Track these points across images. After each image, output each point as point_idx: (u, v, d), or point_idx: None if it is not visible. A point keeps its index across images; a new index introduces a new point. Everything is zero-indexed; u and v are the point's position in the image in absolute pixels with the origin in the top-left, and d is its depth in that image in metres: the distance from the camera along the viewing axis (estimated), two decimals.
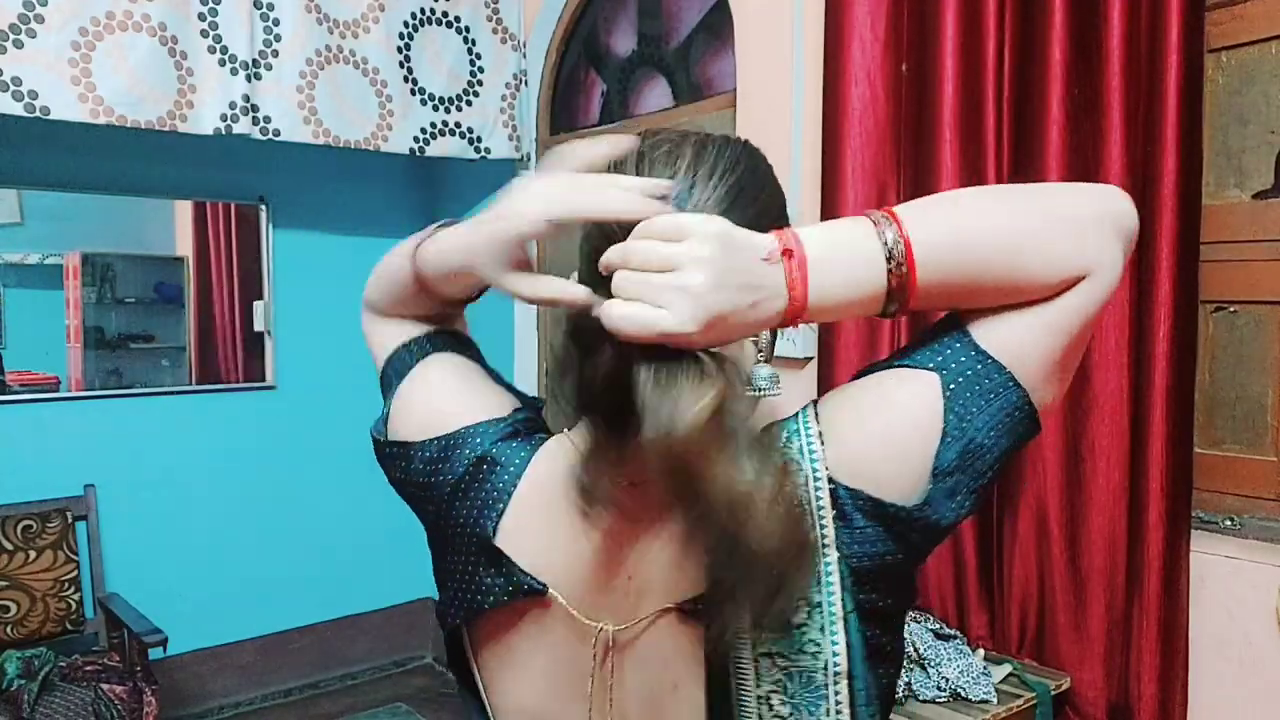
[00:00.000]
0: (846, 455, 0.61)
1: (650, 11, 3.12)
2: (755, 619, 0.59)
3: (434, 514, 0.73)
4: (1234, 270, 1.83)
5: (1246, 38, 1.81)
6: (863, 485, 0.60)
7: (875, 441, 0.61)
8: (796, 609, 0.58)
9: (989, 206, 0.62)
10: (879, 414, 0.62)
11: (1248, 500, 1.82)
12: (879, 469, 0.60)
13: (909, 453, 0.60)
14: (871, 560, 0.60)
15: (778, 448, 0.62)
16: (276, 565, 3.52)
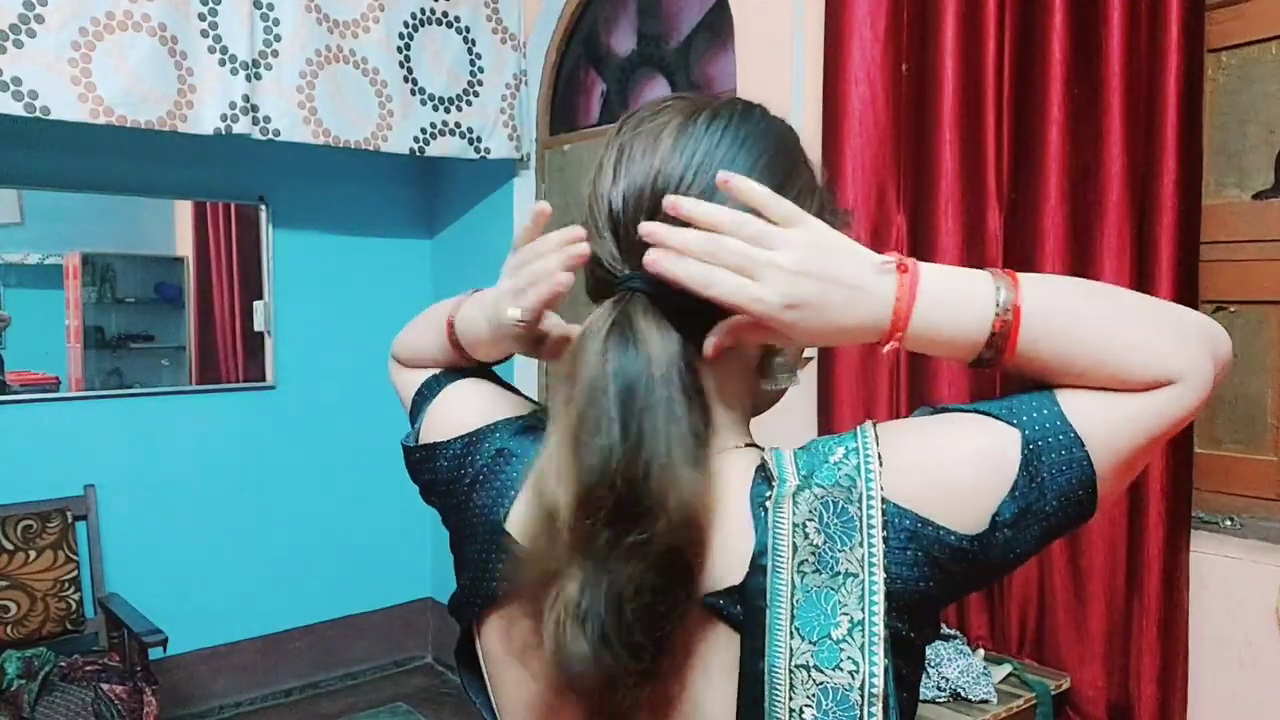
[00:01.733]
0: (908, 482, 0.60)
1: (650, 11, 3.12)
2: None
3: (456, 508, 0.75)
4: (1234, 270, 1.83)
5: (1246, 38, 1.81)
6: (916, 509, 0.59)
7: (943, 475, 0.61)
8: (838, 624, 0.58)
9: (1100, 290, 0.64)
10: (952, 451, 0.62)
11: (1248, 500, 1.82)
12: (941, 501, 0.60)
13: (975, 496, 0.60)
14: (905, 584, 0.59)
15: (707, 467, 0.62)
16: (276, 565, 3.52)
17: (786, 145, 0.69)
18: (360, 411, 3.67)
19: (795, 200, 0.62)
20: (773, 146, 0.68)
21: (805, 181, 0.68)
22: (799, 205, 0.61)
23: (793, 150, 0.69)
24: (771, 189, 0.61)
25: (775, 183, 0.63)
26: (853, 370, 2.19)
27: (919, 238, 2.08)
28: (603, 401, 0.59)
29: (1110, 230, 1.80)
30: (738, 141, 0.66)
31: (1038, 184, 1.89)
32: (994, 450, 0.61)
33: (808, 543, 0.59)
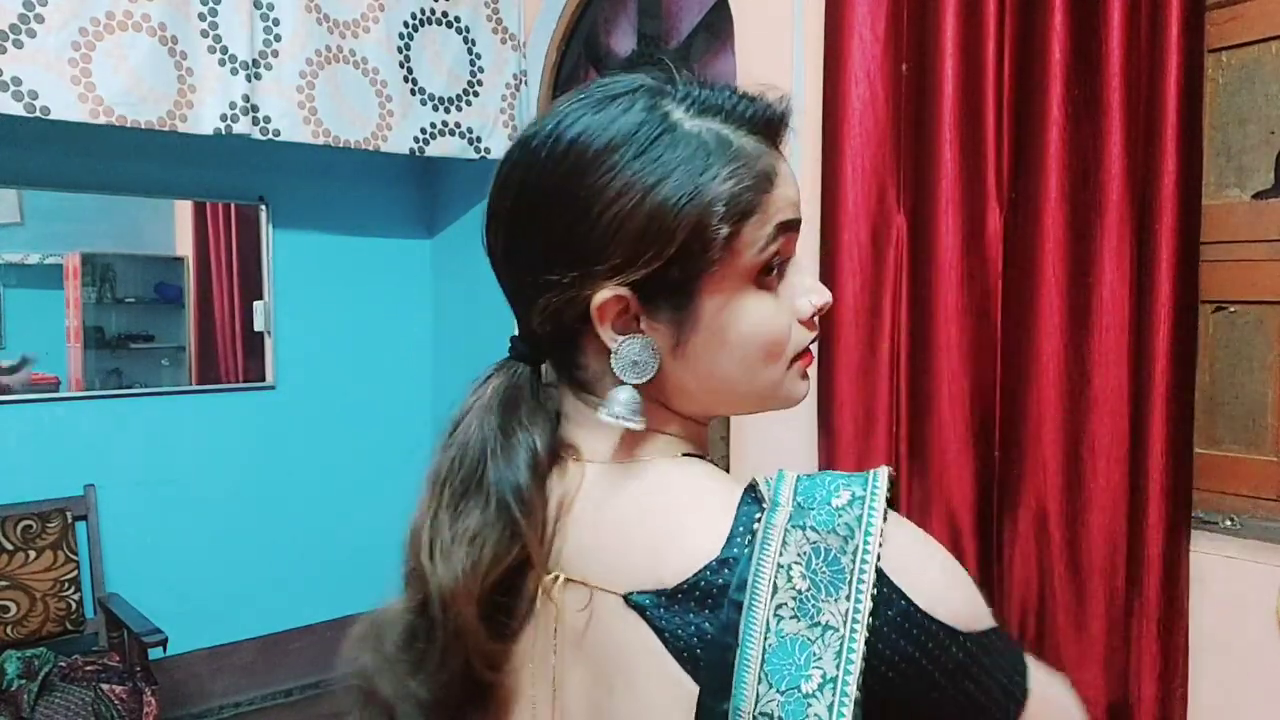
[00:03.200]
0: (914, 572, 0.57)
1: (650, 11, 3.12)
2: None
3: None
4: (1234, 270, 1.83)
5: (1246, 38, 1.81)
6: (912, 593, 0.56)
7: (945, 565, 0.60)
8: (809, 677, 0.56)
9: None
10: (946, 555, 0.61)
11: (1248, 500, 1.82)
12: (940, 587, 0.58)
13: (967, 597, 0.59)
14: (875, 668, 0.56)
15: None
16: (276, 565, 3.52)
17: (593, 150, 0.61)
18: (360, 411, 3.67)
19: (597, 222, 0.60)
20: (505, 215, 0.66)
21: (618, 191, 0.60)
22: (603, 226, 0.60)
23: (599, 156, 0.61)
24: (564, 212, 0.61)
25: (569, 205, 0.61)
26: (853, 371, 2.19)
27: (919, 238, 2.08)
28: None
29: (1110, 230, 1.80)
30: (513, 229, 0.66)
31: (1038, 184, 1.89)
32: (979, 598, 0.61)
33: (790, 586, 0.56)
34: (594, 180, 0.60)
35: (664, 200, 0.59)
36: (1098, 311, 1.83)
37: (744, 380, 0.65)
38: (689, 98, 0.63)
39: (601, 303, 0.61)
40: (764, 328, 0.64)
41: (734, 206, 0.60)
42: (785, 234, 0.63)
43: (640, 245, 0.60)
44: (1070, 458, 1.88)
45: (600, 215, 0.60)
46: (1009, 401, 1.97)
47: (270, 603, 3.52)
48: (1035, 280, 1.91)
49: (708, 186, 0.60)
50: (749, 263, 0.62)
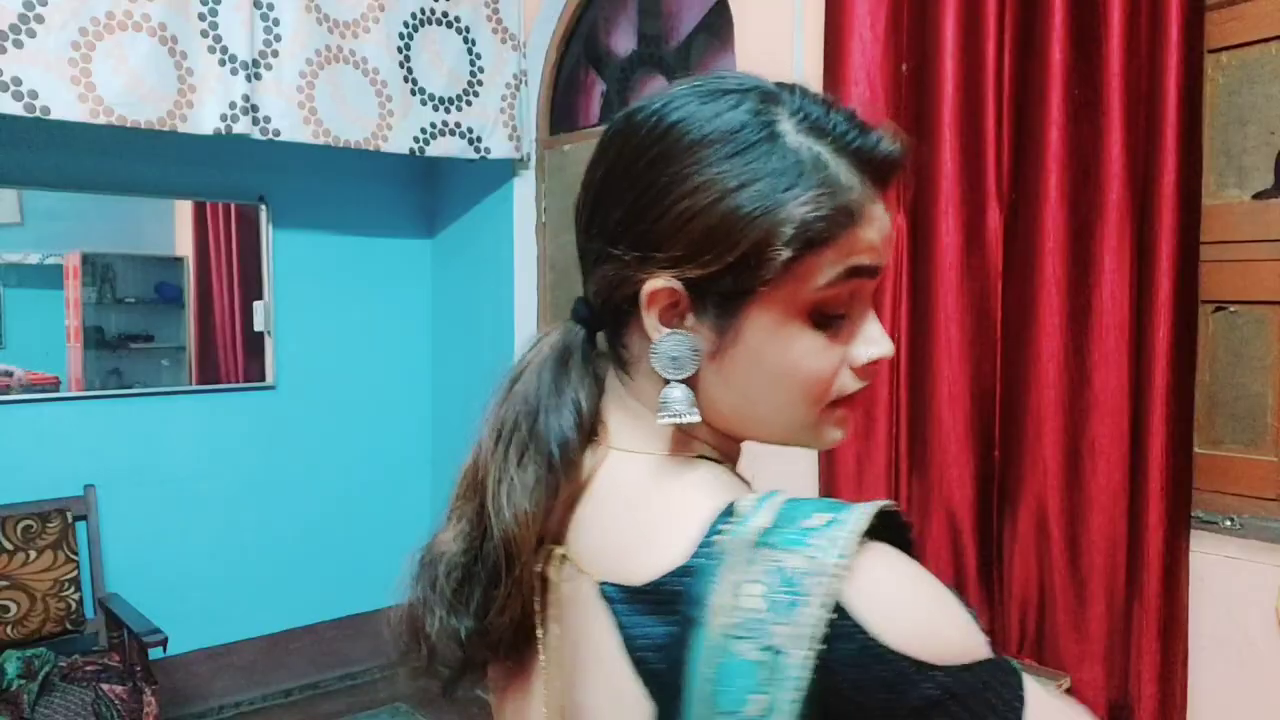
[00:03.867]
0: (883, 608, 0.54)
1: (650, 11, 3.12)
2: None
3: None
4: (1234, 270, 1.83)
5: (1246, 38, 1.81)
6: (877, 628, 0.53)
7: (918, 599, 0.56)
8: (750, 703, 0.53)
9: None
10: (931, 588, 0.57)
11: (1248, 500, 1.82)
12: (902, 621, 0.54)
13: (937, 633, 0.55)
14: (826, 699, 0.53)
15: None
16: (276, 565, 3.52)
17: (682, 137, 0.61)
18: (360, 411, 3.67)
19: (670, 207, 0.60)
20: (596, 181, 0.65)
21: (697, 182, 0.59)
22: (675, 212, 0.59)
23: (613, 166, 0.63)
24: (645, 190, 0.61)
25: (651, 183, 0.61)
26: None
27: (919, 238, 2.09)
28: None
29: (1110, 230, 1.80)
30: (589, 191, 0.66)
31: (1038, 184, 1.89)
32: (971, 629, 0.57)
33: (744, 605, 0.54)
34: (680, 169, 0.59)
35: (737, 207, 0.58)
36: (1098, 311, 1.83)
37: (774, 409, 0.63)
38: (801, 111, 0.62)
39: (653, 290, 0.60)
40: (805, 364, 0.61)
41: (802, 232, 0.58)
42: (856, 278, 0.60)
43: (703, 244, 0.59)
44: (1070, 458, 1.88)
45: (674, 204, 0.59)
46: (1009, 401, 1.97)
47: (270, 603, 3.52)
48: (1035, 280, 1.91)
49: (785, 205, 0.58)
50: (808, 295, 0.59)
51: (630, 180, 0.62)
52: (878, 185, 0.61)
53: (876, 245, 0.61)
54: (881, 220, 0.61)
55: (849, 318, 0.62)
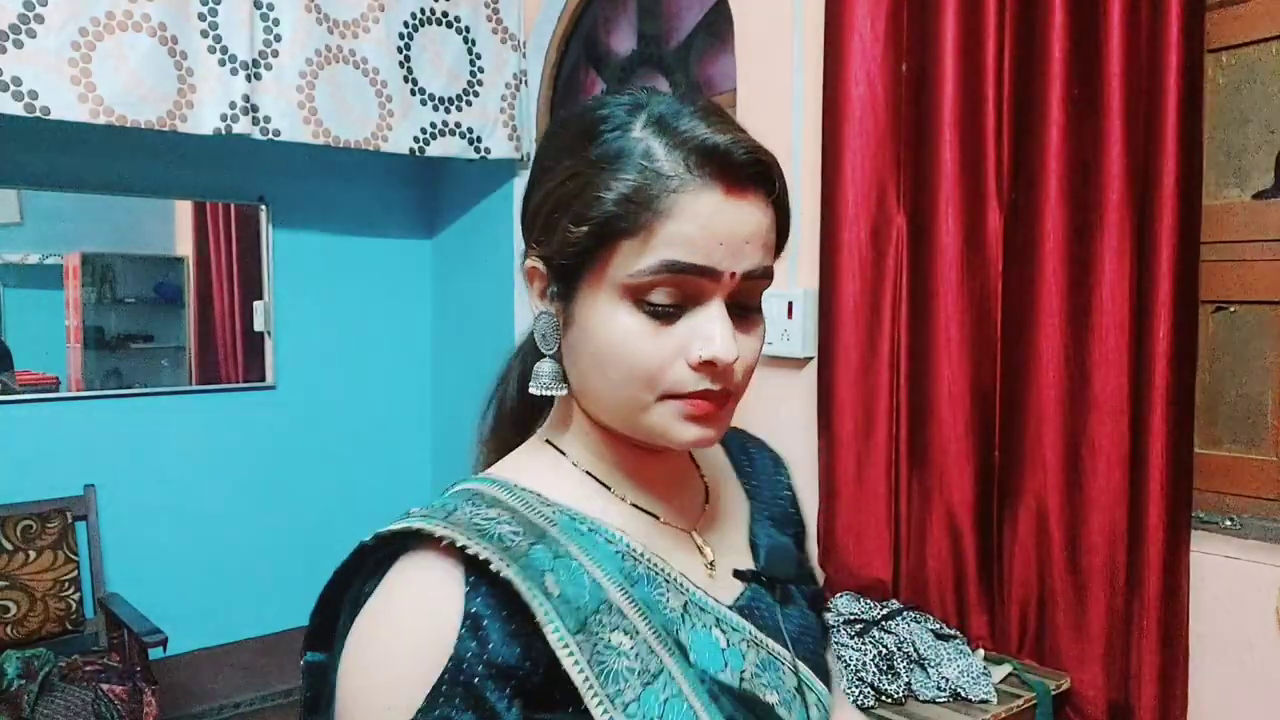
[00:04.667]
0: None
1: (650, 11, 3.12)
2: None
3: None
4: (1234, 270, 1.83)
5: (1246, 38, 1.81)
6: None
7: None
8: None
9: None
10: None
11: (1248, 500, 1.82)
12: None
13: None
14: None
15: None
16: (276, 565, 3.52)
17: (560, 133, 0.69)
18: (360, 411, 3.67)
19: (534, 193, 0.68)
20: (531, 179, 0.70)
21: (556, 170, 0.66)
22: (537, 196, 0.67)
23: (559, 139, 0.68)
24: (532, 184, 0.69)
25: (535, 177, 0.69)
26: (853, 371, 2.19)
27: (919, 238, 2.08)
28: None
29: (1110, 230, 1.80)
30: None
31: (1038, 184, 1.89)
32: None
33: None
34: (549, 158, 0.66)
35: (567, 191, 0.63)
36: (1098, 311, 1.83)
37: (605, 388, 0.64)
38: (659, 110, 0.63)
39: (527, 268, 0.68)
40: (626, 344, 0.62)
41: (598, 217, 0.61)
42: (675, 274, 0.60)
43: (546, 225, 0.65)
44: (1070, 458, 1.88)
45: (539, 189, 0.67)
46: (1009, 401, 1.97)
47: (270, 603, 3.52)
48: (1035, 280, 1.91)
49: (595, 191, 0.61)
50: (622, 281, 0.61)
51: (532, 170, 0.70)
52: (715, 180, 0.60)
53: (698, 241, 0.60)
54: (710, 218, 0.60)
55: (688, 311, 0.62)
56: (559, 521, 0.65)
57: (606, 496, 0.69)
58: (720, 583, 0.71)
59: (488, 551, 0.58)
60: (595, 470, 0.70)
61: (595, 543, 0.65)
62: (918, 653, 1.88)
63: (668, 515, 0.71)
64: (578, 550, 0.63)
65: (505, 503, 0.65)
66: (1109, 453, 1.82)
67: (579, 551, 0.63)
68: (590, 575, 0.62)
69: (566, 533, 0.64)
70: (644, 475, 0.71)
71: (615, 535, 0.66)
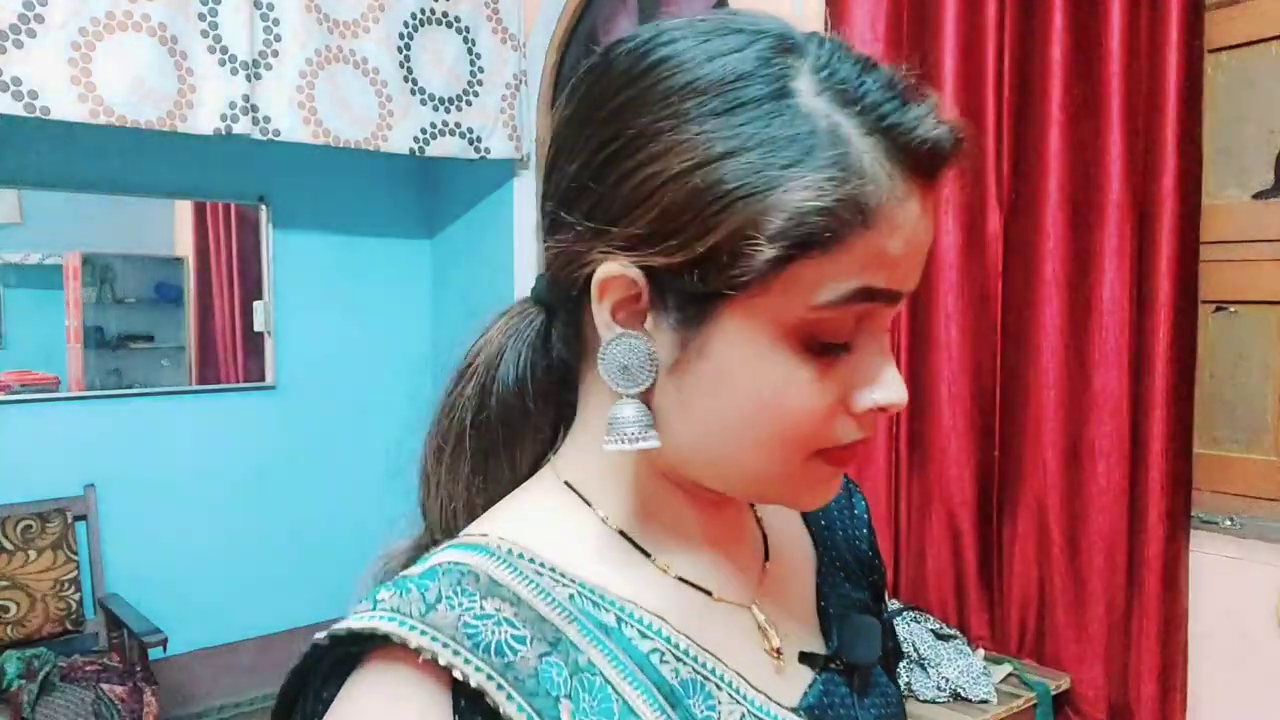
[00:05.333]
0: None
1: (650, 12, 3.12)
2: None
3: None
4: (1234, 270, 1.83)
5: (1246, 38, 1.81)
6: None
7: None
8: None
9: None
10: None
11: (1248, 500, 1.82)
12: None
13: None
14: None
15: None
16: (276, 565, 3.52)
17: (663, 78, 0.47)
18: (360, 411, 3.67)
19: (633, 171, 0.46)
20: (559, 128, 0.52)
21: (676, 143, 0.45)
22: (639, 178, 0.46)
23: (671, 86, 0.46)
24: (601, 148, 0.48)
25: (608, 140, 0.48)
26: None
27: None
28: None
29: (1110, 230, 1.80)
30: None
31: (1038, 184, 1.89)
32: None
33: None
34: (653, 120, 0.46)
35: (718, 180, 0.44)
36: (1098, 311, 1.83)
37: (741, 449, 0.49)
38: (827, 69, 0.46)
39: (607, 277, 0.48)
40: (786, 398, 0.47)
41: (796, 226, 0.44)
42: (868, 301, 0.46)
43: (670, 224, 0.45)
44: (1070, 458, 1.88)
45: (640, 166, 0.46)
46: (1009, 401, 1.97)
47: (270, 603, 3.51)
48: (1035, 280, 1.91)
49: (780, 187, 0.44)
50: (800, 313, 0.46)
51: (593, 129, 0.48)
52: (915, 181, 0.46)
53: (900, 262, 0.46)
54: (913, 229, 0.46)
55: (853, 350, 0.48)
56: (578, 613, 0.49)
57: (644, 567, 0.53)
58: (786, 674, 0.55)
59: (482, 675, 0.44)
60: (632, 529, 0.53)
61: (626, 641, 0.49)
62: (918, 653, 1.88)
63: (722, 588, 0.55)
64: (602, 658, 0.48)
65: (507, 588, 0.48)
66: (1109, 453, 1.82)
67: (604, 660, 0.48)
68: (619, 695, 0.47)
69: (587, 631, 0.49)
70: (697, 534, 0.55)
71: (651, 627, 0.50)
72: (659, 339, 0.48)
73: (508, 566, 0.49)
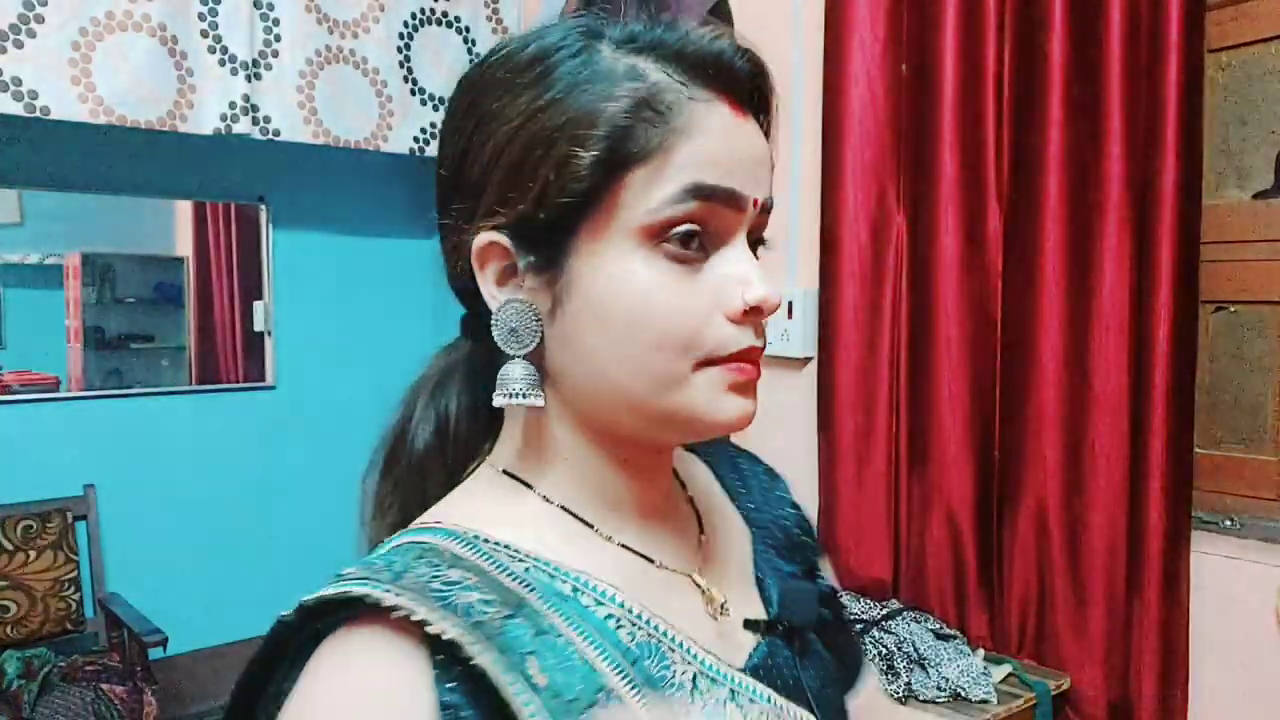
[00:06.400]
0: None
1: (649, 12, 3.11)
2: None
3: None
4: (1234, 270, 1.83)
5: (1247, 38, 1.81)
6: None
7: None
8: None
9: None
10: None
11: (1248, 500, 1.82)
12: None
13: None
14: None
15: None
16: (276, 565, 3.52)
17: (487, 72, 0.55)
18: (360, 411, 3.65)
19: (472, 149, 0.53)
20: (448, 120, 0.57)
21: (500, 114, 0.52)
22: (478, 154, 0.53)
23: (491, 77, 0.54)
24: (451, 138, 0.55)
25: (456, 131, 0.55)
26: (853, 371, 2.19)
27: (919, 238, 2.08)
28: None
29: (1110, 230, 1.80)
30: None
31: (1038, 184, 1.89)
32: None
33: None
34: (490, 103, 0.52)
35: (540, 128, 0.50)
36: (1098, 311, 1.83)
37: (629, 367, 0.51)
38: (624, 32, 0.53)
39: (480, 246, 0.53)
40: (653, 300, 0.50)
41: (610, 134, 0.49)
42: (703, 201, 0.50)
43: (514, 179, 0.51)
44: (1070, 458, 1.88)
45: (486, 142, 0.52)
46: (1009, 401, 1.97)
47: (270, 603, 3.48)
48: (1035, 280, 1.91)
49: (589, 110, 0.50)
50: (641, 219, 0.50)
51: (451, 129, 0.55)
52: (713, 88, 0.51)
53: (724, 162, 0.51)
54: (727, 133, 0.51)
55: (715, 256, 0.52)
56: (536, 584, 0.51)
57: (590, 538, 0.55)
58: (730, 639, 0.58)
59: (457, 630, 0.45)
60: (573, 504, 0.56)
61: (583, 609, 0.51)
62: (918, 653, 1.88)
63: (664, 556, 0.58)
64: (563, 623, 0.50)
65: (467, 560, 0.50)
66: (1109, 453, 1.82)
67: (565, 624, 0.50)
68: (582, 655, 0.49)
69: (547, 599, 0.50)
70: (634, 504, 0.58)
71: (606, 594, 0.52)
72: (537, 297, 0.53)
73: (465, 545, 0.52)
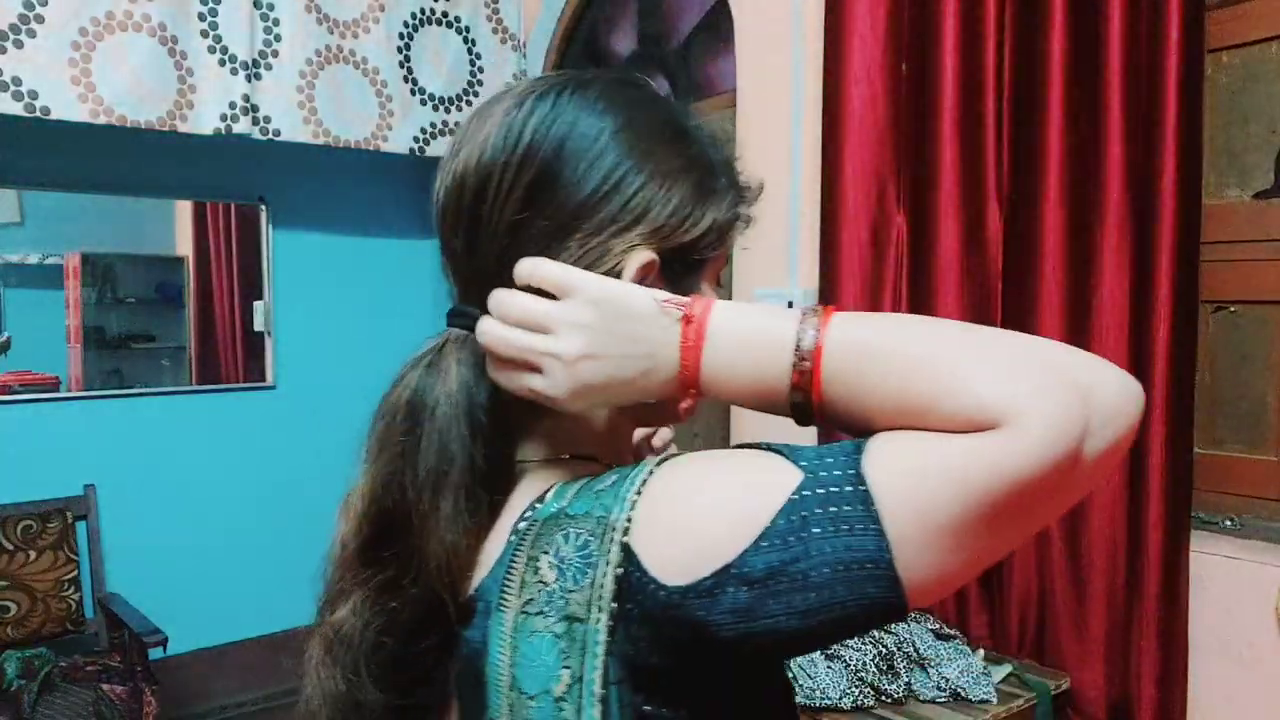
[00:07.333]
0: (649, 523, 0.51)
1: (650, 11, 3.12)
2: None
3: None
4: (1234, 270, 1.83)
5: (1247, 37, 1.81)
6: (641, 555, 0.50)
7: (681, 513, 0.51)
8: (559, 678, 0.50)
9: (921, 321, 0.53)
10: (706, 488, 0.51)
11: (1248, 500, 1.82)
12: (663, 544, 0.50)
13: (703, 540, 0.49)
14: (635, 649, 0.50)
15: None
16: (276, 565, 3.52)
17: (643, 119, 0.61)
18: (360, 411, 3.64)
19: (647, 183, 0.59)
20: (621, 119, 0.60)
21: (668, 163, 0.60)
22: (652, 189, 0.59)
23: (649, 125, 0.61)
24: (616, 166, 0.59)
25: (622, 160, 0.59)
26: None
27: (919, 238, 2.08)
28: (395, 423, 0.63)
29: (1110, 230, 1.80)
30: (584, 109, 0.60)
31: (1038, 184, 1.89)
32: (757, 489, 0.49)
33: (538, 579, 0.51)
34: (642, 144, 0.60)
35: (691, 175, 0.61)
36: (1098, 311, 1.83)
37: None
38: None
39: (644, 262, 0.59)
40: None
41: (735, 203, 0.64)
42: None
43: (683, 210, 0.60)
44: None
45: (635, 175, 0.59)
46: None
47: (270, 603, 3.51)
48: (1035, 280, 1.91)
49: (723, 175, 0.64)
50: (719, 263, 0.65)
51: (596, 154, 0.59)
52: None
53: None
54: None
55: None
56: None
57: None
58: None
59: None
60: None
61: None
62: (918, 653, 1.88)
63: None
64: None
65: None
66: None
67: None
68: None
69: None
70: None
71: None
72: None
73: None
